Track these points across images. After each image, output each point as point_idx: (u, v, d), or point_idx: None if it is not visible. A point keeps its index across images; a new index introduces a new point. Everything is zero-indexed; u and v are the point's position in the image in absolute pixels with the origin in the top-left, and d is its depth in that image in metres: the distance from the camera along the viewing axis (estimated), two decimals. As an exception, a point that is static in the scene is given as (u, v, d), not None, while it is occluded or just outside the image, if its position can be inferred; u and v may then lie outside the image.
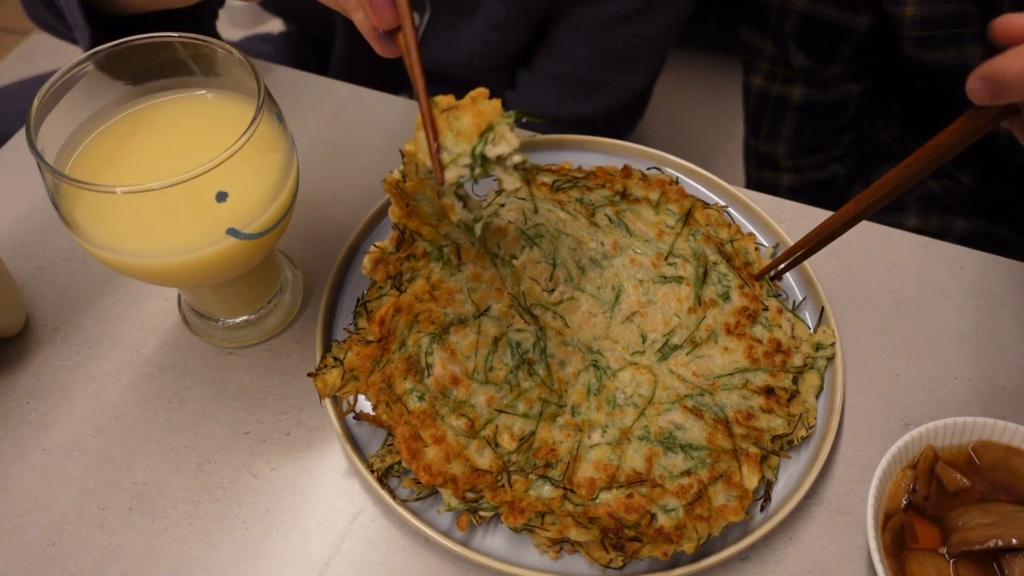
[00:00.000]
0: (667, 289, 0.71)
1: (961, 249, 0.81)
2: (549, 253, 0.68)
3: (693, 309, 0.70)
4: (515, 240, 0.67)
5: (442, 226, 0.64)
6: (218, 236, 0.58)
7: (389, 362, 0.63)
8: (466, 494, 0.60)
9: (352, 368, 0.62)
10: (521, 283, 0.67)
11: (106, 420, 0.69)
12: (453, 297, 0.64)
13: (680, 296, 0.70)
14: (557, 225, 0.70)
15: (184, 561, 0.62)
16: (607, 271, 0.71)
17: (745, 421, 0.64)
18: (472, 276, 0.65)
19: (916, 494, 0.62)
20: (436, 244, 0.65)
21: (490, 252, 0.66)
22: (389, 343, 0.63)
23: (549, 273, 0.68)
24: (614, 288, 0.70)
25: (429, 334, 0.64)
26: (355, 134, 0.90)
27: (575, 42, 1.12)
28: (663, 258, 0.72)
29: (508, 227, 0.68)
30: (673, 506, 0.60)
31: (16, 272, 0.76)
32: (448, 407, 0.62)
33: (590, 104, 1.16)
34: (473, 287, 0.65)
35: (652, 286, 0.71)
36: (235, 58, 0.61)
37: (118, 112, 0.63)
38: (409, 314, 0.63)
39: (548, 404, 0.64)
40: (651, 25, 1.09)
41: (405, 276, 0.65)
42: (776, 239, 0.78)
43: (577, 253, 0.70)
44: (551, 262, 0.68)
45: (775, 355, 0.68)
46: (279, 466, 0.67)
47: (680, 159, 0.83)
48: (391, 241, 0.65)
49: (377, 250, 0.64)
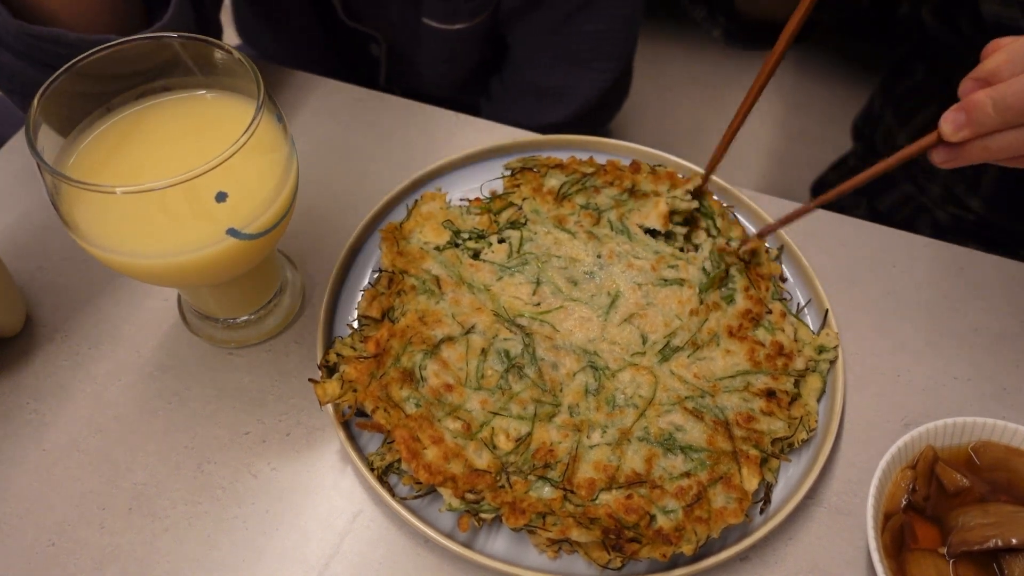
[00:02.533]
0: (668, 292, 0.71)
1: (961, 249, 0.81)
2: (532, 275, 0.72)
3: (695, 311, 0.70)
4: (489, 273, 0.72)
5: (426, 262, 0.71)
6: (218, 236, 0.58)
7: (385, 374, 0.64)
8: (466, 494, 0.60)
9: (351, 380, 0.64)
10: (500, 300, 0.70)
11: (106, 420, 0.69)
12: (441, 319, 0.68)
13: (681, 298, 0.71)
14: (549, 249, 0.73)
15: (184, 561, 0.62)
16: (602, 280, 0.72)
17: (745, 423, 0.64)
18: (453, 301, 0.69)
19: (916, 494, 0.62)
20: (421, 278, 0.70)
21: (465, 282, 0.71)
22: (385, 358, 0.65)
23: (532, 290, 0.71)
24: (609, 294, 0.71)
25: (422, 351, 0.65)
26: (355, 134, 0.90)
27: (533, 49, 1.11)
28: (663, 261, 0.73)
29: (478, 264, 0.72)
30: (672, 507, 0.60)
31: (16, 272, 0.76)
32: (443, 411, 0.63)
33: (559, 110, 1.15)
34: (456, 311, 0.68)
35: (652, 288, 0.71)
36: (235, 58, 0.61)
37: (118, 112, 0.63)
38: (403, 338, 0.66)
39: (542, 404, 0.64)
40: (603, 17, 1.07)
41: (396, 311, 0.69)
42: (777, 239, 0.78)
43: (568, 271, 0.72)
44: (534, 282, 0.71)
45: (777, 358, 0.68)
46: (279, 466, 0.67)
47: (681, 160, 0.83)
48: (383, 283, 0.71)
49: (371, 291, 0.71)
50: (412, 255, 0.72)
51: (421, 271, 0.70)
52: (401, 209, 0.80)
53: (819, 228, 0.82)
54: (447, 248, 0.73)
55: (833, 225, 0.83)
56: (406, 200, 0.81)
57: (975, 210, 1.09)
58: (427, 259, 0.71)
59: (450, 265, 0.71)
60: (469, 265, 0.72)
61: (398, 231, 0.74)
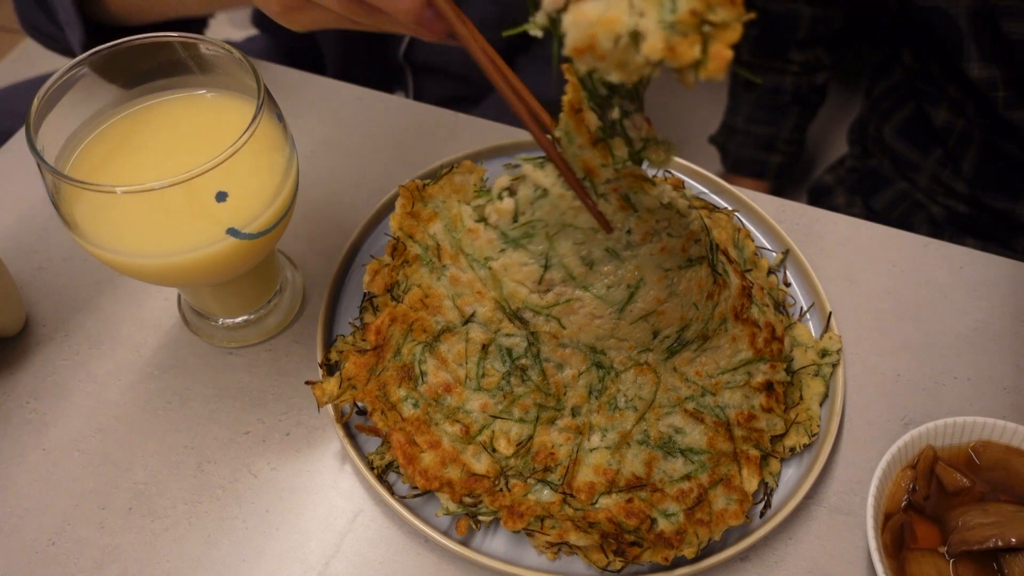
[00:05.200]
0: (691, 273, 0.62)
1: (961, 249, 0.81)
2: (539, 253, 0.60)
3: (711, 295, 0.65)
4: (488, 243, 0.61)
5: (431, 226, 0.65)
6: (218, 236, 0.58)
7: (384, 370, 0.63)
8: (464, 498, 0.60)
9: (350, 377, 0.63)
10: (502, 287, 0.61)
11: (106, 420, 0.69)
12: (441, 304, 0.64)
13: (700, 278, 0.63)
14: (563, 217, 0.58)
15: (184, 561, 0.62)
16: (627, 263, 0.60)
17: (746, 423, 0.64)
18: (452, 280, 0.63)
19: (916, 494, 0.62)
20: (424, 244, 0.65)
21: (464, 252, 0.62)
22: (384, 351, 0.64)
23: (538, 276, 0.60)
24: (629, 286, 0.61)
25: (422, 343, 0.64)
26: (355, 134, 0.90)
27: None
28: (692, 236, 0.62)
29: (478, 228, 0.61)
30: (673, 511, 0.59)
31: (16, 272, 0.76)
32: (442, 414, 0.62)
33: None
34: (456, 292, 0.63)
35: (678, 274, 0.62)
36: (235, 58, 0.61)
37: (118, 112, 0.63)
38: (404, 323, 0.64)
39: (545, 408, 0.63)
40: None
41: (401, 286, 0.66)
42: (777, 239, 0.78)
43: (585, 247, 0.59)
44: (542, 264, 0.60)
45: (772, 342, 0.67)
46: (279, 466, 0.67)
47: (683, 160, 0.83)
48: (387, 252, 0.67)
49: (375, 262, 0.67)
50: (423, 217, 0.67)
51: (426, 236, 0.66)
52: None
53: (818, 228, 0.82)
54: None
55: (832, 225, 0.83)
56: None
57: (962, 193, 1.11)
58: (435, 220, 0.67)
59: (452, 229, 0.64)
60: (468, 231, 0.61)
61: (420, 191, 0.69)
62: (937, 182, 1.13)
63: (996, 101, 0.98)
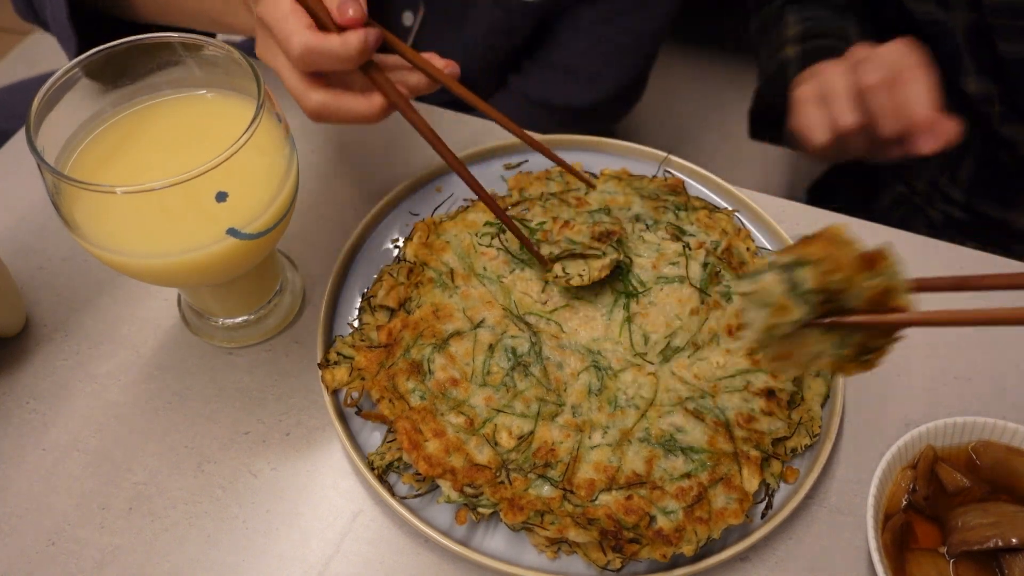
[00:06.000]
0: (669, 290, 0.71)
1: (961, 249, 0.81)
2: (540, 272, 0.71)
3: (696, 311, 0.70)
4: (504, 263, 0.72)
5: (446, 253, 0.72)
6: (218, 236, 0.58)
7: (394, 364, 0.65)
8: (465, 488, 0.60)
9: (360, 368, 0.66)
10: (512, 295, 0.71)
11: (106, 420, 0.69)
12: (452, 314, 0.69)
13: (681, 297, 0.70)
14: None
15: (184, 561, 0.62)
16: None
17: (746, 424, 0.64)
18: (463, 295, 0.70)
19: (916, 494, 0.62)
20: (438, 271, 0.71)
21: (476, 274, 0.71)
22: (395, 349, 0.66)
23: (541, 287, 0.71)
24: (615, 291, 0.71)
25: (431, 343, 0.66)
26: (355, 134, 0.90)
27: (575, 37, 1.12)
28: (664, 258, 0.72)
29: (490, 251, 0.73)
30: (672, 508, 0.60)
31: (16, 272, 0.76)
32: (448, 405, 0.64)
33: (585, 93, 1.17)
34: (467, 305, 0.69)
35: (652, 287, 0.71)
36: (235, 58, 0.61)
37: (118, 112, 0.63)
38: (415, 330, 0.67)
39: (546, 403, 0.64)
40: (650, 19, 1.11)
41: (414, 301, 0.69)
42: (777, 239, 0.78)
43: None
44: (543, 280, 0.71)
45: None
46: (279, 466, 0.67)
47: (683, 160, 0.83)
48: (402, 273, 0.72)
49: (391, 279, 0.72)
50: (436, 248, 0.73)
51: (440, 263, 0.71)
52: (402, 209, 0.80)
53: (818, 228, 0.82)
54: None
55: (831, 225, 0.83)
56: (405, 201, 0.81)
57: (959, 201, 1.11)
58: (447, 250, 0.72)
59: (464, 256, 0.72)
60: (482, 254, 0.72)
61: (435, 226, 0.75)
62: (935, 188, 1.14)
63: (991, 116, 0.99)
